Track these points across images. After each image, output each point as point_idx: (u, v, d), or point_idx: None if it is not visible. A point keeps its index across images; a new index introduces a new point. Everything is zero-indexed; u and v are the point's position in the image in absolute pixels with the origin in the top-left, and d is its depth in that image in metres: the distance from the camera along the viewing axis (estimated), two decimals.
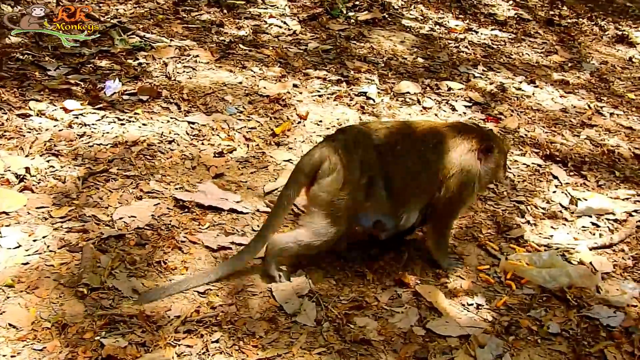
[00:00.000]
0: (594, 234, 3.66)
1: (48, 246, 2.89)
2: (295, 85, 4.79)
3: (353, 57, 5.45)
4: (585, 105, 5.24)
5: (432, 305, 2.95)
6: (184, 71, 4.71)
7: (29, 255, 2.82)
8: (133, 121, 3.97)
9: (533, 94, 5.33)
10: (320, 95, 4.71)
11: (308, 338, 2.66)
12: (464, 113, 4.80)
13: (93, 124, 3.85)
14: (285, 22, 5.97)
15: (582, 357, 2.80)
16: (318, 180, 2.84)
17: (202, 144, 3.89)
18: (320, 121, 4.36)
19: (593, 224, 3.74)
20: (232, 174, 3.67)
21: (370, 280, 3.06)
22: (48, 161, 3.46)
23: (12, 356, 2.35)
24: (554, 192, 4.01)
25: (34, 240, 2.90)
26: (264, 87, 4.66)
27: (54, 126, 3.77)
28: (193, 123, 4.05)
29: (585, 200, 3.93)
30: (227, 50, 5.18)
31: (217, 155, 3.80)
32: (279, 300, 2.83)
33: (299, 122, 4.30)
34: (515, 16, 7.14)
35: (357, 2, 6.54)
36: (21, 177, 3.29)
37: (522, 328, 2.91)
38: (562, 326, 2.94)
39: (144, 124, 3.95)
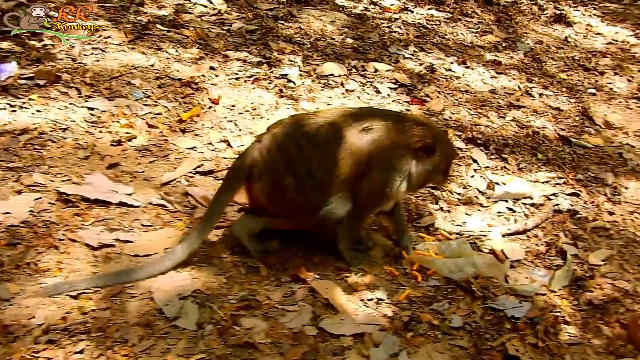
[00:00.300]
0: (508, 220, 3.54)
1: None
2: (212, 68, 4.56)
3: (278, 38, 5.22)
4: (515, 86, 5.12)
5: (328, 302, 2.78)
6: (91, 53, 4.43)
7: None
8: (26, 107, 3.69)
9: (463, 74, 5.18)
10: (237, 78, 4.48)
11: (187, 343, 2.47)
12: (388, 95, 4.64)
13: None
14: (210, 1, 5.70)
15: (482, 351, 2.67)
16: (253, 185, 2.88)
17: (100, 131, 3.65)
18: (233, 105, 4.14)
19: (509, 209, 3.62)
20: (129, 164, 3.45)
21: (264, 276, 2.88)
22: None
23: None
24: (472, 176, 3.87)
25: None
26: (177, 70, 4.42)
27: None
28: (92, 109, 3.80)
29: (504, 184, 3.81)
30: (143, 31, 4.90)
31: (114, 143, 3.57)
32: (158, 303, 2.63)
33: (210, 107, 4.08)
34: None
35: None
36: None
37: (423, 323, 2.77)
38: (465, 319, 2.80)
39: (37, 111, 3.68)
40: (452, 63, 5.33)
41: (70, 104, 3.81)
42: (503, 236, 3.37)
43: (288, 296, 2.79)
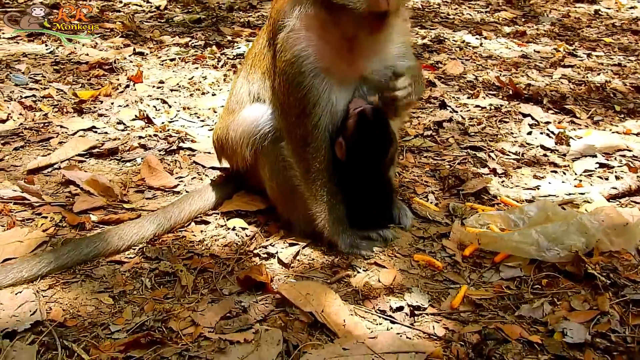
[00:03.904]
0: (606, 179, 2.17)
1: None
2: (139, 53, 3.32)
3: (233, 24, 4.03)
4: (552, 50, 3.87)
5: (318, 319, 1.37)
6: None
7: None
8: None
9: (481, 44, 3.94)
10: (172, 59, 3.24)
11: None
12: None
13: None
14: (148, 1, 4.54)
15: None
16: None
17: None
18: (162, 82, 2.87)
19: (601, 164, 2.26)
20: None
21: (187, 287, 1.48)
22: None
23: None
24: (529, 133, 2.53)
25: None
26: (86, 54, 3.18)
27: None
28: None
29: (579, 138, 2.46)
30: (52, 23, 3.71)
31: None
32: None
33: (127, 87, 2.80)
34: None
35: None
36: None
37: (510, 342, 1.35)
38: (590, 328, 1.38)
39: None
40: (463, 35, 4.11)
41: None
42: (608, 200, 1.99)
43: (233, 317, 1.39)
